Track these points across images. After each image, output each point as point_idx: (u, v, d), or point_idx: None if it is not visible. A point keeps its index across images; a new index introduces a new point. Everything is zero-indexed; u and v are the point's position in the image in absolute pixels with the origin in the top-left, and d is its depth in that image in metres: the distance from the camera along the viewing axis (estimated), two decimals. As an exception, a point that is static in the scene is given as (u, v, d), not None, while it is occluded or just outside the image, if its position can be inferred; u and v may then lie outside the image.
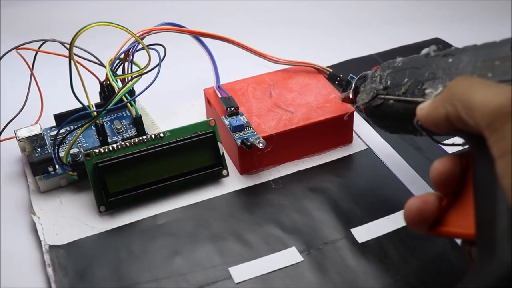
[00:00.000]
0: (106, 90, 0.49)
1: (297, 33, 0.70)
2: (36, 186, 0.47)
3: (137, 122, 0.48)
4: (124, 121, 0.50)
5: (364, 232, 0.42)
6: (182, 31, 0.49)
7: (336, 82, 0.52)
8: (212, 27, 0.52)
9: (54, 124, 0.50)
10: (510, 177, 0.27)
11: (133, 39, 0.46)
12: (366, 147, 0.51)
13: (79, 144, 0.48)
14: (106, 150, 0.44)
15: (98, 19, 0.43)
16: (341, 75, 0.52)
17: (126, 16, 0.72)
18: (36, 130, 0.47)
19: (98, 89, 0.50)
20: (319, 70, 0.54)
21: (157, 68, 0.46)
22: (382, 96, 0.40)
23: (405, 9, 0.75)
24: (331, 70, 0.53)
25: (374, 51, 0.64)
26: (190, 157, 0.45)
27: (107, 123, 0.50)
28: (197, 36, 0.50)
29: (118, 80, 0.47)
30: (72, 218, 0.44)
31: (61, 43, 0.48)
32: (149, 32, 0.47)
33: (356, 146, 0.51)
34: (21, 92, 0.50)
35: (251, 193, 0.46)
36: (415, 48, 0.64)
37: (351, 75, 0.52)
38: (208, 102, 0.51)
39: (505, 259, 0.26)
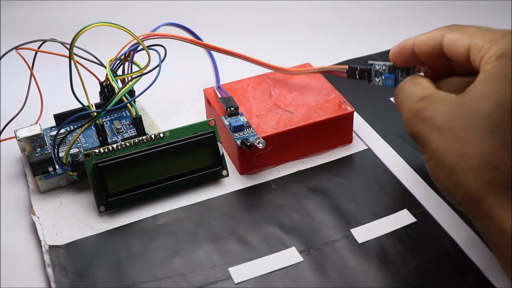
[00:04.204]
0: (106, 90, 0.49)
1: (297, 33, 0.70)
2: (36, 186, 0.47)
3: (137, 122, 0.48)
4: (124, 121, 0.50)
5: (364, 232, 0.42)
6: (183, 40, 0.49)
7: (357, 75, 0.48)
8: (212, 27, 0.52)
9: (54, 124, 0.50)
10: None
11: (134, 41, 0.46)
12: (366, 147, 0.51)
13: (79, 144, 0.48)
14: (106, 150, 0.44)
15: (98, 19, 0.42)
16: (358, 68, 0.47)
17: (126, 16, 0.72)
18: (36, 130, 0.47)
19: (98, 89, 0.50)
20: (334, 72, 0.50)
21: (157, 68, 0.46)
22: None
23: (405, 9, 0.75)
24: (346, 67, 0.48)
25: (374, 51, 0.64)
26: (190, 157, 0.45)
27: (107, 123, 0.50)
28: (200, 46, 0.50)
29: (118, 80, 0.47)
30: (72, 218, 0.44)
31: (61, 43, 0.48)
32: (148, 37, 0.47)
33: (356, 146, 0.51)
34: (21, 92, 0.50)
35: (251, 193, 0.46)
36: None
37: (369, 61, 0.47)
38: (208, 102, 0.52)
39: None
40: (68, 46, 0.42)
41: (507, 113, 0.34)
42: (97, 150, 0.44)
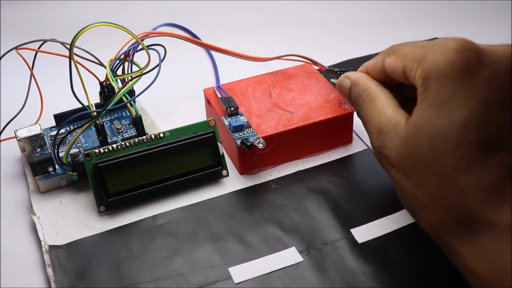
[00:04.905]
0: (106, 90, 0.50)
1: (297, 33, 0.70)
2: (36, 186, 0.47)
3: (137, 122, 0.48)
4: (124, 121, 0.50)
5: (364, 232, 0.42)
6: (182, 38, 0.49)
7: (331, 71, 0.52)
8: (212, 27, 0.52)
9: (54, 124, 0.50)
10: None
11: (133, 40, 0.46)
12: (366, 147, 0.51)
13: (79, 144, 0.48)
14: (106, 150, 0.44)
15: (98, 19, 0.42)
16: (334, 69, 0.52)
17: (126, 16, 0.72)
18: (36, 130, 0.47)
19: (98, 89, 0.50)
20: (314, 62, 0.53)
21: (157, 68, 0.46)
22: None
23: (405, 9, 0.75)
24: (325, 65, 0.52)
25: (374, 51, 0.64)
26: (190, 157, 0.45)
27: (107, 123, 0.50)
28: (197, 44, 0.50)
29: (118, 80, 0.47)
30: (72, 218, 0.44)
31: (61, 43, 0.48)
32: (148, 35, 0.47)
33: (356, 146, 0.51)
34: (21, 92, 0.50)
35: (251, 193, 0.46)
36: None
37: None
38: (208, 102, 0.52)
39: None
40: (68, 46, 0.42)
41: (442, 144, 0.31)
42: (97, 150, 0.44)
